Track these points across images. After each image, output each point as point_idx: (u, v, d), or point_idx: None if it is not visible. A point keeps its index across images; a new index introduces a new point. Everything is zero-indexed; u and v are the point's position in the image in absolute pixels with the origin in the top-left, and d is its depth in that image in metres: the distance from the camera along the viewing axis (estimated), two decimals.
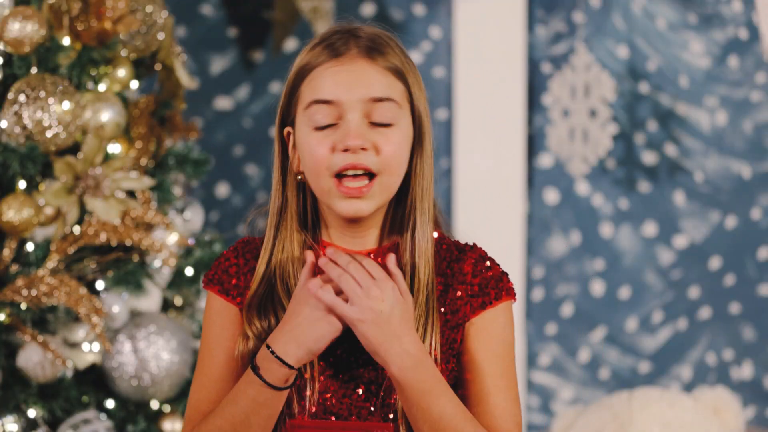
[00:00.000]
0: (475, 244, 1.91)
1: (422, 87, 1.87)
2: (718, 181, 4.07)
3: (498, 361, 1.85)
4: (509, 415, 1.84)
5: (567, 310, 4.10)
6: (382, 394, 1.83)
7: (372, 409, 1.83)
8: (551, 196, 4.10)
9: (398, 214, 1.88)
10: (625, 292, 4.09)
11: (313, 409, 1.83)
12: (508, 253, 3.99)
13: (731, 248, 4.07)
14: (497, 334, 1.86)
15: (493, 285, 1.86)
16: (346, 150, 1.79)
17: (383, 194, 1.83)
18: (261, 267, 1.87)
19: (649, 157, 4.06)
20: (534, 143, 4.09)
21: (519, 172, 4.02)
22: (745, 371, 4.09)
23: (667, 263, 4.07)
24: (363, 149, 1.79)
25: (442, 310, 1.85)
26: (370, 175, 1.81)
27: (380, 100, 1.81)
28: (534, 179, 4.09)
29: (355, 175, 1.81)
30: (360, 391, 1.84)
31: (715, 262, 4.07)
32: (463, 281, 1.86)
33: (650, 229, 4.08)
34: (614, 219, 4.08)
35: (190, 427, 1.89)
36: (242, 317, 1.88)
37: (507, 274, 1.88)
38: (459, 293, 1.86)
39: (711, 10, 4.04)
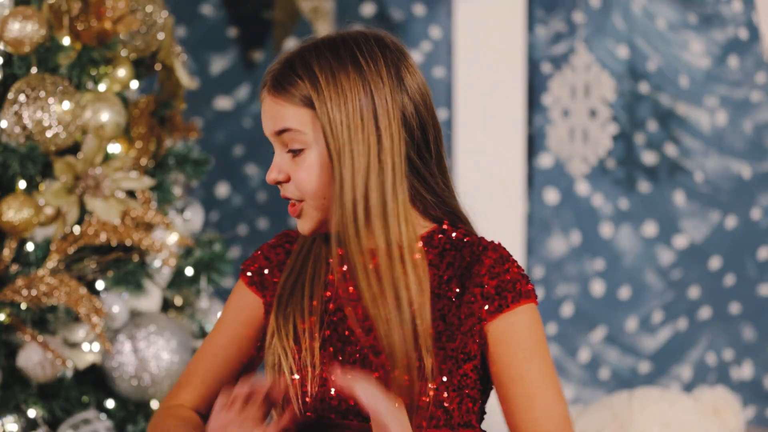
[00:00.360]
0: (498, 244, 1.90)
1: (348, 95, 1.84)
2: (718, 181, 4.07)
3: (532, 366, 1.84)
4: (558, 417, 1.83)
5: (567, 310, 4.10)
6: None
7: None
8: (551, 196, 4.10)
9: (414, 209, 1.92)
10: (625, 292, 4.09)
11: (308, 414, 1.84)
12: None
13: (731, 248, 4.07)
14: (523, 338, 1.84)
15: (510, 288, 1.85)
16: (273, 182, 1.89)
17: (318, 213, 1.87)
18: (294, 266, 1.94)
19: (649, 157, 4.06)
20: (534, 143, 4.09)
21: (519, 172, 4.02)
22: (745, 371, 4.09)
23: (667, 263, 4.07)
24: (278, 182, 1.88)
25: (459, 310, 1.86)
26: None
27: (279, 132, 1.87)
28: (534, 179, 4.09)
29: (290, 203, 1.89)
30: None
31: (715, 262, 4.07)
32: (479, 283, 1.85)
33: (650, 229, 4.08)
34: (614, 219, 4.08)
35: (169, 396, 2.00)
36: (265, 313, 1.94)
37: (526, 277, 1.87)
38: (473, 296, 1.85)
39: (711, 10, 4.04)
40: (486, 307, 1.84)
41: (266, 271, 1.95)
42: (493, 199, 4.00)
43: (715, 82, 4.05)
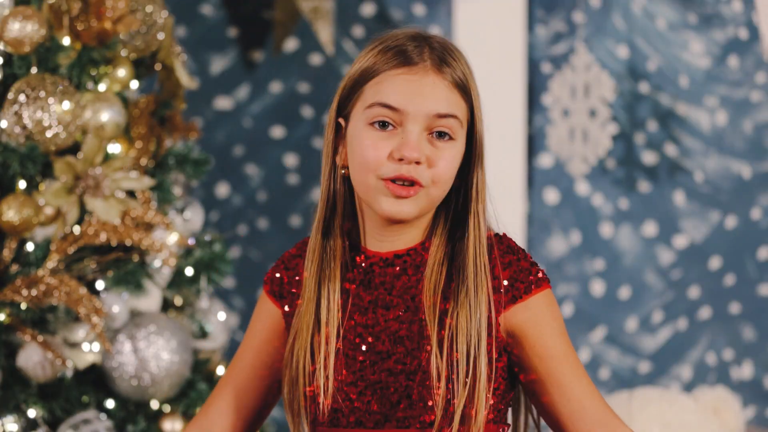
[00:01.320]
0: (504, 235, 1.90)
1: (481, 106, 1.89)
2: (718, 181, 4.07)
3: (561, 357, 1.85)
4: (595, 399, 1.83)
5: (567, 310, 4.10)
6: (409, 400, 1.83)
7: (391, 414, 1.83)
8: (551, 196, 4.10)
9: (436, 220, 1.89)
10: (625, 292, 4.09)
11: (329, 416, 1.84)
12: None
13: (731, 248, 4.07)
14: (543, 329, 1.85)
15: (522, 278, 1.85)
16: (401, 159, 1.80)
17: (427, 204, 1.84)
18: (311, 272, 1.89)
19: (649, 157, 4.06)
20: (534, 143, 4.09)
21: (519, 172, 4.02)
22: (745, 371, 4.09)
23: (667, 263, 4.07)
24: (417, 163, 1.80)
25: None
26: (413, 183, 1.82)
27: (444, 116, 1.82)
28: (534, 179, 4.09)
29: (402, 184, 1.81)
30: (378, 398, 1.83)
31: (715, 262, 4.07)
32: (492, 275, 1.85)
33: (650, 229, 4.08)
34: (614, 219, 4.08)
35: (200, 412, 1.99)
36: (285, 323, 1.92)
37: (536, 264, 1.87)
38: (488, 288, 1.84)
39: (711, 10, 4.04)
40: (500, 299, 1.84)
41: (285, 281, 1.93)
42: (493, 199, 3.99)
43: (715, 82, 4.05)
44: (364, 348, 1.85)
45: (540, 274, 1.86)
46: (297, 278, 1.93)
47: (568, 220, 4.09)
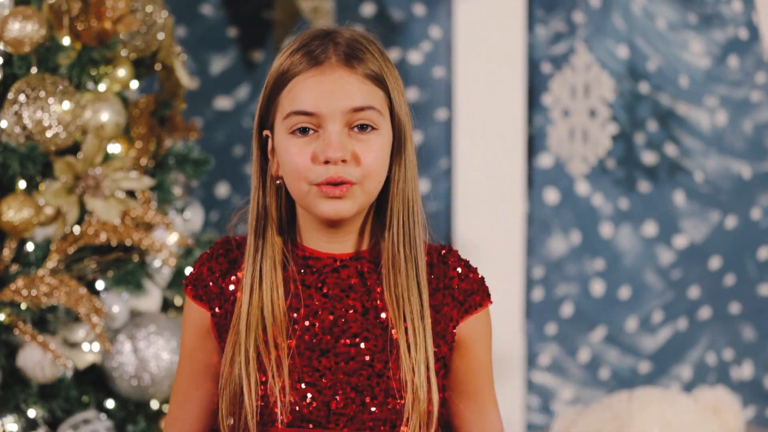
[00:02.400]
0: (450, 247, 1.91)
1: (402, 91, 1.87)
2: (718, 181, 4.07)
3: (488, 371, 1.90)
4: (497, 413, 1.92)
5: (567, 310, 4.10)
6: (367, 401, 1.83)
7: (351, 415, 1.83)
8: (551, 196, 4.10)
9: (378, 220, 1.88)
10: (625, 292, 4.09)
11: (288, 418, 1.83)
12: (508, 253, 3.99)
13: (731, 248, 4.07)
14: (486, 343, 1.90)
15: (476, 290, 1.88)
16: (326, 162, 1.79)
17: (363, 198, 1.83)
18: (247, 276, 1.87)
19: (649, 157, 4.06)
20: (534, 143, 4.09)
21: (519, 172, 4.02)
22: (745, 371, 4.09)
23: (667, 263, 4.07)
24: (343, 161, 1.79)
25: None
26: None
27: (361, 109, 1.81)
28: (534, 179, 4.09)
29: (334, 185, 1.81)
30: (338, 398, 1.83)
31: (715, 262, 4.07)
32: (448, 285, 1.87)
33: (650, 229, 4.08)
34: (614, 219, 4.08)
35: (168, 417, 1.96)
36: (215, 325, 1.89)
37: (484, 279, 1.90)
38: (446, 299, 1.87)
39: (711, 10, 4.04)
40: (458, 308, 1.86)
41: (210, 284, 1.90)
42: (493, 199, 4.00)
43: (715, 82, 4.05)
44: (322, 349, 1.84)
45: (487, 291, 1.90)
46: (222, 278, 1.90)
47: (568, 220, 4.09)
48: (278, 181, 1.87)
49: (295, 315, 1.85)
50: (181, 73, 3.18)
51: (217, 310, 1.90)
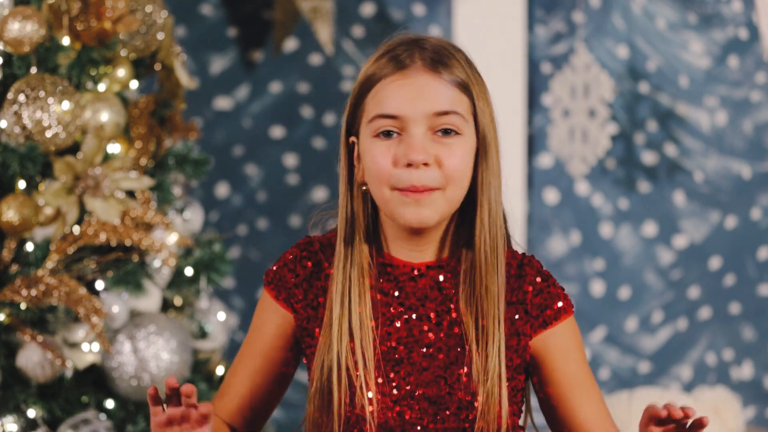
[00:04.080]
0: (532, 257, 1.90)
1: (488, 99, 1.89)
2: (718, 181, 4.06)
3: (578, 379, 1.88)
4: (605, 420, 1.92)
5: None
6: (447, 413, 1.83)
7: (425, 425, 1.83)
8: (551, 196, 4.10)
9: (461, 228, 1.87)
10: (625, 292, 4.09)
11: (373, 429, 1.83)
12: None
13: (731, 248, 4.07)
14: (570, 353, 1.87)
15: (550, 304, 1.86)
16: (409, 165, 1.78)
17: (447, 205, 1.82)
18: (337, 285, 1.86)
19: (648, 157, 4.06)
20: (534, 143, 4.09)
21: (519, 172, 4.02)
22: (745, 371, 4.09)
23: (667, 263, 4.07)
24: (425, 164, 1.79)
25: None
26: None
27: (444, 113, 1.81)
28: (534, 179, 4.09)
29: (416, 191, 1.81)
30: (412, 409, 1.83)
31: (715, 262, 4.07)
32: (522, 300, 1.85)
33: (650, 229, 4.08)
34: (614, 219, 4.08)
35: (216, 399, 1.97)
36: (297, 328, 1.90)
37: (563, 290, 1.88)
38: (518, 313, 1.85)
39: (711, 10, 4.04)
40: (531, 323, 1.85)
41: (294, 286, 1.90)
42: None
43: (715, 82, 4.05)
44: (398, 358, 1.84)
45: (567, 301, 1.88)
46: (308, 283, 1.90)
47: (568, 220, 4.09)
48: (364, 188, 1.86)
49: (372, 324, 1.84)
50: (181, 73, 3.18)
51: (301, 313, 1.89)
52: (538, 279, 1.86)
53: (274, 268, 1.92)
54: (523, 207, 4.05)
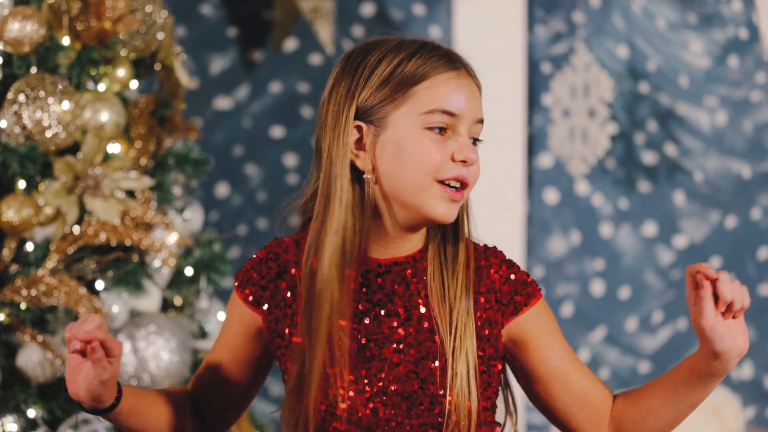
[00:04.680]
0: (495, 248, 1.92)
1: None
2: (718, 181, 4.06)
3: (558, 351, 1.90)
4: (595, 384, 1.98)
5: (567, 310, 4.10)
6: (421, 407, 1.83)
7: (399, 420, 1.83)
8: (551, 196, 4.10)
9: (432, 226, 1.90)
10: (625, 292, 4.09)
11: (343, 426, 1.83)
12: (508, 253, 3.98)
13: (731, 248, 4.07)
14: (546, 335, 1.89)
15: (519, 290, 1.87)
16: (463, 161, 1.83)
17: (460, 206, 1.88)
18: (307, 267, 1.86)
19: (649, 157, 4.06)
20: (534, 143, 4.09)
21: (519, 172, 4.02)
22: (745, 371, 4.09)
23: (667, 263, 4.07)
24: (472, 164, 1.86)
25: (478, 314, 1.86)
26: (463, 186, 1.86)
27: (481, 122, 1.88)
28: (534, 179, 4.09)
29: (455, 188, 1.84)
30: (384, 405, 1.83)
31: (715, 262, 4.07)
32: (491, 288, 1.87)
33: (650, 229, 4.08)
34: (614, 219, 4.08)
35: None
36: (266, 329, 1.91)
37: (529, 275, 1.91)
38: (489, 303, 1.86)
39: (711, 10, 4.04)
40: (503, 311, 1.86)
41: (260, 288, 1.92)
42: (493, 199, 4.00)
43: (715, 82, 4.05)
44: (368, 355, 1.84)
45: (534, 285, 1.90)
46: (274, 283, 1.91)
47: (568, 220, 4.09)
48: (367, 176, 1.86)
49: (343, 322, 1.84)
50: (181, 73, 3.18)
51: (268, 314, 1.91)
52: (504, 267, 1.89)
53: (243, 269, 1.95)
54: (523, 207, 4.05)
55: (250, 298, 1.93)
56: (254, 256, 1.95)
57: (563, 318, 4.09)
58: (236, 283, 1.95)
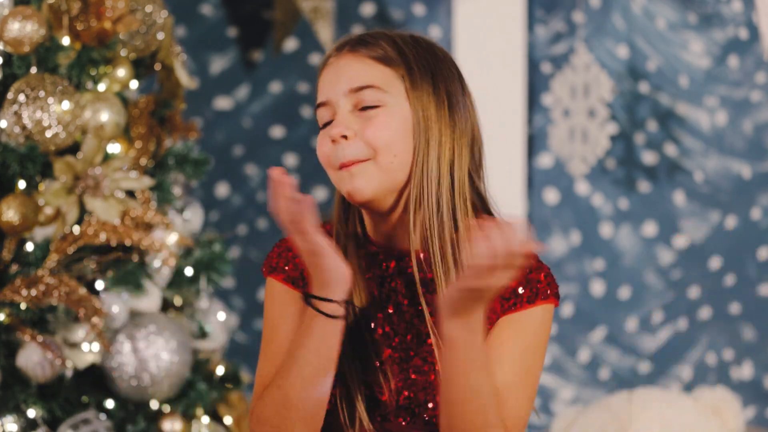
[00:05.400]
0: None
1: (445, 74, 1.88)
2: (718, 181, 4.06)
3: (521, 358, 1.81)
4: (515, 416, 1.79)
5: (567, 310, 4.10)
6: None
7: (417, 412, 1.83)
8: (551, 196, 4.10)
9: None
10: (625, 292, 4.09)
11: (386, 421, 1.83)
12: None
13: (731, 248, 4.07)
14: (529, 332, 1.82)
15: (531, 287, 1.84)
16: (333, 141, 1.81)
17: (381, 174, 1.82)
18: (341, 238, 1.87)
19: (649, 157, 4.06)
20: (534, 143, 4.09)
21: (519, 172, 4.02)
22: (745, 371, 4.09)
23: (667, 263, 4.07)
24: (343, 137, 1.81)
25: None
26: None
27: (360, 89, 1.82)
28: (534, 179, 4.09)
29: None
30: (404, 395, 1.83)
31: (715, 262, 4.07)
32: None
33: (650, 229, 4.08)
34: (614, 219, 4.08)
35: (256, 398, 1.84)
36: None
37: (551, 276, 1.86)
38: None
39: (711, 10, 4.04)
40: (502, 303, 1.83)
41: (291, 269, 1.89)
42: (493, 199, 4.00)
43: (715, 82, 4.05)
44: (392, 344, 1.84)
45: (552, 288, 1.85)
46: (296, 270, 1.89)
47: (568, 220, 4.09)
48: None
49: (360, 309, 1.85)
50: (181, 73, 3.18)
51: (303, 291, 1.87)
52: (526, 271, 1.84)
53: (268, 259, 1.92)
54: (523, 207, 4.05)
55: (286, 277, 1.89)
56: (282, 243, 1.92)
57: (563, 318, 4.09)
58: (266, 271, 1.90)
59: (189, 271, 3.13)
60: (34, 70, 2.89)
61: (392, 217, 1.86)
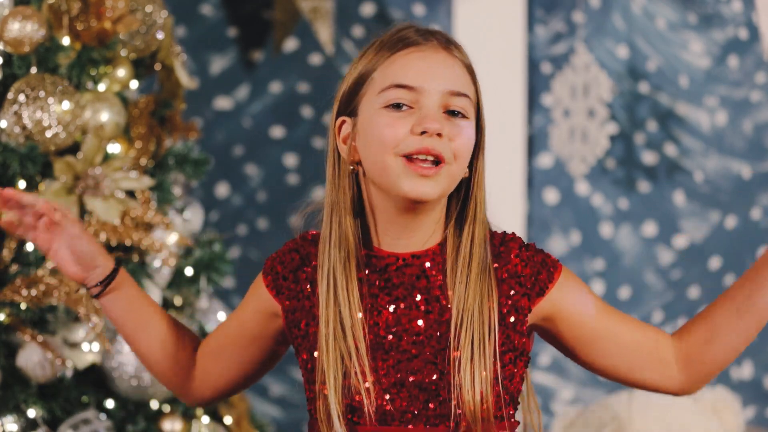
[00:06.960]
0: (514, 234, 1.91)
1: (481, 95, 1.91)
2: (718, 181, 4.07)
3: (595, 309, 1.89)
4: (643, 330, 1.92)
5: None
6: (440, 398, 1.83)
7: (416, 413, 1.83)
8: (551, 196, 4.10)
9: (448, 218, 1.89)
10: (625, 292, 4.09)
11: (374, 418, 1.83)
12: None
13: (731, 248, 4.07)
14: (580, 300, 1.88)
15: (539, 269, 1.86)
16: (423, 133, 1.78)
17: (447, 182, 1.82)
18: (324, 264, 1.86)
19: (648, 157, 4.06)
20: (534, 143, 4.09)
21: (519, 172, 4.02)
22: (745, 371, 4.09)
23: (667, 263, 4.07)
24: (439, 135, 1.79)
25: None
26: (437, 163, 1.80)
27: (458, 94, 1.82)
28: (534, 179, 4.09)
29: (424, 160, 1.80)
30: (402, 397, 1.83)
31: (715, 262, 4.07)
32: (513, 273, 1.85)
33: (650, 229, 4.08)
34: (614, 219, 4.08)
35: None
36: (285, 319, 1.91)
37: (545, 252, 1.89)
38: (513, 288, 1.85)
39: (711, 10, 4.04)
40: (529, 295, 1.85)
41: (282, 277, 1.92)
42: (493, 199, 3.99)
43: (715, 82, 4.05)
44: (387, 347, 1.84)
45: (552, 259, 1.88)
46: (294, 274, 1.91)
47: (568, 220, 4.09)
48: (352, 167, 1.86)
49: (360, 315, 1.84)
50: (181, 73, 3.18)
51: (288, 304, 1.91)
52: (523, 250, 1.87)
53: (271, 257, 1.95)
54: (523, 207, 4.05)
55: (273, 285, 1.92)
56: (283, 246, 1.95)
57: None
58: (264, 271, 1.94)
59: (189, 271, 3.13)
60: (34, 70, 2.89)
61: (415, 218, 1.85)
